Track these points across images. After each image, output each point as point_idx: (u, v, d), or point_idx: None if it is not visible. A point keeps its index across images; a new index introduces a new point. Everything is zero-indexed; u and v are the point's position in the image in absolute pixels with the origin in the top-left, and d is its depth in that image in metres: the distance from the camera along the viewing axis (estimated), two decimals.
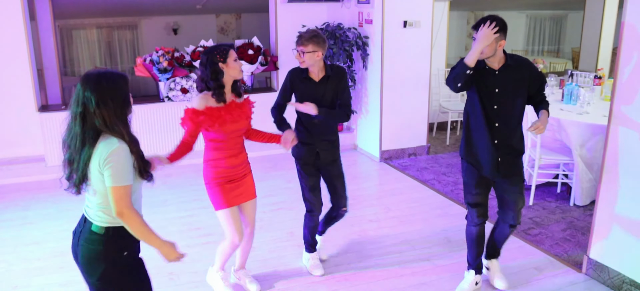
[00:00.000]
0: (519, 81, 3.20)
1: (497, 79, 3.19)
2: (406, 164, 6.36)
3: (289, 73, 3.59)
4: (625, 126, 3.37)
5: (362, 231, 4.52)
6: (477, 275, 3.59)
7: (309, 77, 3.50)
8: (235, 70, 3.12)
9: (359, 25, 6.55)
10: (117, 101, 2.15)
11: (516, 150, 3.30)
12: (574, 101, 5.41)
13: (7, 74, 5.67)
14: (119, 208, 2.15)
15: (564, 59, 10.86)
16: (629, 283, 3.47)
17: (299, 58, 3.42)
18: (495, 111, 3.22)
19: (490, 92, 3.21)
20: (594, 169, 4.85)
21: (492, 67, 3.21)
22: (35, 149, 5.90)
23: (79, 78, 2.17)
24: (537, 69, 3.31)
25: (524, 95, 3.23)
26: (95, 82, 2.13)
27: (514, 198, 3.37)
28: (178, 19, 10.84)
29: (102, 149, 2.12)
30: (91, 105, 2.10)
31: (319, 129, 3.55)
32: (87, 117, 2.12)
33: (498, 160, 3.29)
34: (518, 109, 3.24)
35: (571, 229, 4.52)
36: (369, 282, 3.72)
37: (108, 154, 2.10)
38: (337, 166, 3.71)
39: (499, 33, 3.07)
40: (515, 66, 3.20)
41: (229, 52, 3.10)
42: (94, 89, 2.11)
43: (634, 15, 3.26)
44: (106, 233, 2.22)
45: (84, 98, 2.12)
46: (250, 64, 6.32)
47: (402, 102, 6.38)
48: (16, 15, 5.56)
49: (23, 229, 4.60)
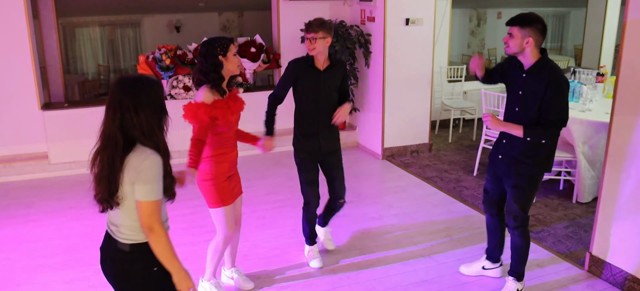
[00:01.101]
0: (538, 89, 3.02)
1: (524, 80, 3.11)
2: (408, 161, 6.36)
3: (291, 63, 3.58)
4: (627, 123, 3.36)
5: (364, 228, 4.52)
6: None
7: (314, 66, 3.53)
8: (234, 64, 3.11)
9: (361, 22, 6.55)
10: (154, 107, 2.05)
11: (513, 157, 3.21)
12: (576, 99, 5.41)
13: (11, 72, 5.68)
14: (150, 223, 2.04)
15: (567, 56, 10.85)
16: (631, 280, 3.47)
17: (311, 45, 3.44)
18: (516, 113, 3.16)
19: (515, 92, 3.17)
20: (596, 167, 4.84)
21: (522, 66, 3.14)
22: (39, 147, 5.91)
23: (114, 83, 2.06)
24: (559, 86, 2.97)
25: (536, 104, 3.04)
26: (131, 86, 2.02)
27: (509, 199, 3.33)
28: (180, 16, 10.86)
29: (135, 160, 2.01)
30: (128, 112, 1.99)
31: (322, 119, 3.59)
32: (123, 124, 2.00)
33: (498, 157, 3.31)
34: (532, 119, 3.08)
35: (573, 226, 4.52)
36: (371, 279, 3.73)
37: (142, 166, 2.00)
38: (337, 157, 3.76)
39: (524, 27, 2.98)
40: (538, 73, 3.04)
41: (230, 45, 3.09)
42: (132, 95, 2.00)
43: (636, 11, 3.25)
44: (132, 251, 2.12)
45: (120, 104, 1.99)
46: (253, 62, 6.33)
47: (405, 100, 6.38)
48: (19, 14, 5.57)
49: (26, 227, 4.61)
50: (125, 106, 1.99)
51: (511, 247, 3.42)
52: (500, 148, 3.32)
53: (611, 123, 3.48)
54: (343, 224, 4.59)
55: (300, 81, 3.57)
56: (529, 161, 3.16)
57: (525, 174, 3.20)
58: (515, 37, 3.02)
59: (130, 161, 2.01)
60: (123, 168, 2.01)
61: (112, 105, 2.01)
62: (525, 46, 3.01)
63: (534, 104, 3.04)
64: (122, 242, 2.13)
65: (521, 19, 3.01)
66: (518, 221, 3.30)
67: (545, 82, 2.98)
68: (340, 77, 3.63)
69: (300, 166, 3.70)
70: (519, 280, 3.44)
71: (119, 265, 2.16)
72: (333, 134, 3.71)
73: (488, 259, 3.70)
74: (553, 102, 2.97)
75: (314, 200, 3.75)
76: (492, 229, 3.61)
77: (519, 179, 3.22)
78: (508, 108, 3.26)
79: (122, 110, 1.99)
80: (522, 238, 3.33)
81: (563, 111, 3.00)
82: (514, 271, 3.45)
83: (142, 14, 10.62)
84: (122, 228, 2.12)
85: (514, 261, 3.43)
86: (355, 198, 5.20)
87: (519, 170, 3.20)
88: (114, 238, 2.15)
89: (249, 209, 4.91)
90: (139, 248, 2.12)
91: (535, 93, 3.03)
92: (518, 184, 3.23)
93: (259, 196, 5.22)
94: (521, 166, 3.19)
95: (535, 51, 3.05)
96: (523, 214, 3.28)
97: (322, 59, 3.53)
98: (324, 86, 3.55)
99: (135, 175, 2.01)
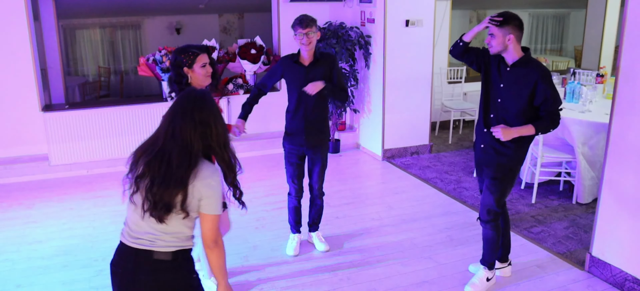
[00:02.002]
0: (525, 84, 3.15)
1: (508, 74, 3.21)
2: (408, 163, 6.37)
3: (281, 59, 3.82)
4: (627, 124, 3.37)
5: (364, 230, 4.53)
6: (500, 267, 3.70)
7: (299, 61, 3.71)
8: (200, 78, 2.95)
9: (361, 24, 6.56)
10: (223, 122, 2.11)
11: (499, 150, 3.29)
12: (576, 99, 5.41)
13: (11, 74, 5.69)
14: (215, 237, 2.07)
15: (567, 58, 10.86)
16: (631, 281, 3.47)
17: (307, 40, 3.60)
18: (498, 104, 3.27)
19: (497, 85, 3.27)
20: (596, 167, 4.85)
21: (505, 62, 3.24)
22: (39, 149, 5.92)
23: (188, 95, 2.08)
24: (549, 78, 3.13)
25: (526, 99, 3.16)
26: (203, 100, 2.06)
27: (485, 193, 3.42)
28: (181, 18, 10.87)
29: (206, 172, 2.02)
30: (208, 125, 2.01)
31: (308, 115, 3.73)
32: (204, 134, 2.01)
33: (481, 147, 3.39)
34: (517, 111, 3.21)
35: (573, 227, 4.52)
36: (371, 280, 3.73)
37: (213, 180, 2.02)
38: (320, 153, 3.86)
39: (503, 26, 3.09)
40: (525, 68, 3.16)
41: (198, 56, 2.92)
42: (208, 109, 2.04)
43: (635, 12, 3.25)
44: (175, 258, 2.08)
45: (200, 117, 2.00)
46: (253, 64, 6.33)
47: (405, 101, 6.39)
48: (20, 15, 5.58)
49: (27, 229, 4.62)
50: (204, 118, 2.01)
51: (483, 238, 3.55)
52: (484, 138, 3.37)
53: (611, 124, 3.49)
54: (343, 225, 4.60)
55: (286, 77, 3.78)
56: (512, 153, 3.27)
57: (505, 166, 3.31)
58: (496, 37, 3.13)
59: (201, 173, 2.01)
60: (193, 179, 1.99)
61: (190, 115, 2.00)
62: (507, 43, 3.14)
63: (521, 96, 3.16)
64: (163, 251, 2.06)
65: (500, 18, 3.13)
66: (491, 215, 3.41)
67: (535, 76, 3.12)
68: (329, 71, 3.73)
69: (285, 158, 3.92)
70: (490, 268, 3.58)
71: (160, 275, 2.07)
72: (320, 130, 3.82)
73: (497, 259, 3.70)
74: (550, 94, 3.13)
75: (294, 191, 3.98)
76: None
77: (498, 171, 3.32)
78: (487, 101, 3.35)
79: (203, 121, 2.01)
80: (494, 230, 3.46)
81: (558, 98, 3.18)
82: (485, 260, 3.58)
83: (142, 16, 10.64)
84: (166, 236, 2.06)
85: (486, 252, 3.56)
86: (355, 199, 5.20)
87: (500, 162, 3.31)
88: (148, 249, 2.05)
89: (249, 210, 4.91)
90: (183, 254, 2.11)
91: (523, 86, 3.15)
92: (497, 177, 3.32)
93: (259, 198, 5.22)
94: (502, 158, 3.29)
95: (518, 46, 3.18)
96: (496, 208, 3.38)
97: (309, 55, 3.68)
98: (308, 81, 3.65)
99: (206, 188, 2.01)
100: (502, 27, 3.11)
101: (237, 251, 4.15)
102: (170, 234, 2.06)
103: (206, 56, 2.98)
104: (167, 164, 1.97)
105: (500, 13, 3.14)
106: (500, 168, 3.31)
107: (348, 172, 6.11)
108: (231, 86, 6.50)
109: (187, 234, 2.13)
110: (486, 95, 3.34)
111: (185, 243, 2.12)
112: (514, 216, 4.73)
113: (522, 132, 3.18)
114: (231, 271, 3.85)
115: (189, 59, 2.92)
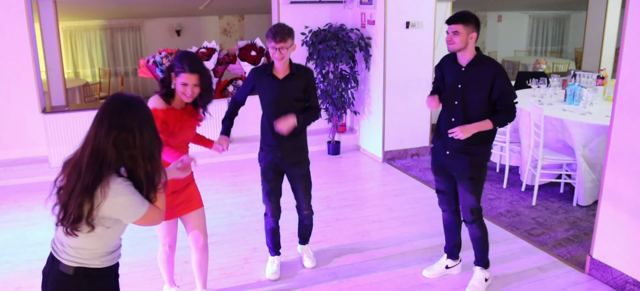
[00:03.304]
0: (483, 80, 3.24)
1: (463, 74, 3.28)
2: (409, 164, 6.36)
3: (252, 70, 3.52)
4: (628, 126, 3.36)
5: (364, 232, 4.52)
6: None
7: (273, 74, 3.42)
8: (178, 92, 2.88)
9: (361, 26, 6.56)
10: (155, 132, 2.03)
11: (470, 151, 3.32)
12: (576, 101, 5.40)
13: (11, 76, 5.69)
14: (153, 224, 2.07)
15: (567, 60, 10.86)
16: (632, 284, 3.46)
17: (279, 55, 3.30)
18: (457, 106, 3.32)
19: (454, 87, 3.32)
20: (596, 170, 4.84)
21: (456, 62, 3.32)
22: (39, 151, 5.92)
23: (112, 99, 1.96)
24: (504, 73, 3.25)
25: (485, 96, 3.25)
26: (129, 104, 1.95)
27: (461, 193, 3.43)
28: (181, 20, 10.88)
29: (112, 190, 1.92)
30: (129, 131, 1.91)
31: (288, 133, 3.40)
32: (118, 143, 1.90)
33: (446, 154, 3.40)
34: (478, 109, 3.27)
35: (574, 229, 4.52)
36: (371, 283, 3.73)
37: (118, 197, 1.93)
38: (302, 168, 3.61)
39: (468, 24, 3.16)
40: (481, 65, 3.25)
41: (184, 74, 2.82)
42: (132, 115, 1.93)
43: (636, 14, 3.25)
44: (76, 274, 1.98)
45: (119, 122, 1.90)
46: (253, 66, 6.33)
47: (405, 103, 6.39)
48: (20, 17, 5.59)
49: (27, 231, 4.61)
50: (124, 124, 1.87)
51: (472, 240, 3.56)
52: (449, 144, 3.37)
53: (611, 126, 3.48)
54: (343, 228, 4.59)
55: (258, 90, 3.49)
56: (482, 148, 3.33)
57: (479, 165, 3.36)
58: (461, 34, 3.18)
59: (109, 191, 1.87)
60: (101, 195, 1.86)
61: (107, 120, 1.87)
62: (469, 41, 3.20)
63: (480, 93, 3.24)
64: (66, 263, 1.97)
65: (465, 16, 3.18)
66: (474, 215, 3.44)
67: (492, 73, 3.21)
68: (304, 86, 3.46)
69: (261, 176, 3.63)
70: (486, 267, 3.60)
71: (61, 287, 1.98)
72: (296, 145, 3.54)
73: (449, 257, 3.79)
74: (506, 88, 3.22)
75: (271, 211, 3.69)
76: (452, 227, 3.70)
77: (474, 171, 3.35)
78: (446, 103, 3.39)
79: (120, 128, 1.87)
80: (480, 228, 3.49)
81: (513, 91, 3.27)
82: (480, 260, 3.59)
83: (142, 18, 10.65)
84: (70, 249, 1.96)
85: (478, 252, 3.57)
86: (355, 201, 5.20)
87: (473, 162, 3.33)
88: (57, 258, 1.99)
89: (249, 212, 4.92)
90: (85, 272, 1.98)
91: (481, 83, 3.23)
92: (474, 176, 3.35)
93: (258, 200, 5.21)
94: (475, 158, 3.33)
95: (474, 46, 3.26)
96: (478, 205, 3.42)
97: (283, 68, 3.40)
98: (281, 95, 3.40)
99: (115, 207, 1.90)
100: (467, 25, 3.16)
101: (237, 253, 4.15)
102: (74, 248, 1.97)
103: (195, 78, 2.83)
104: (77, 172, 1.88)
105: (461, 11, 3.22)
106: (475, 167, 3.35)
107: (348, 174, 6.10)
108: (231, 87, 6.50)
109: (93, 252, 1.99)
110: (445, 101, 3.39)
111: (89, 261, 1.99)
112: (514, 218, 4.72)
113: (481, 127, 3.23)
114: (231, 273, 3.85)
115: (176, 69, 2.85)
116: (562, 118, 4.90)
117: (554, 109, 5.21)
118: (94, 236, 1.95)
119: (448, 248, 3.78)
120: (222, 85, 6.55)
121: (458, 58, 3.31)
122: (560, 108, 5.28)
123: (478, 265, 3.60)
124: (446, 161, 3.42)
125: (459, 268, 3.83)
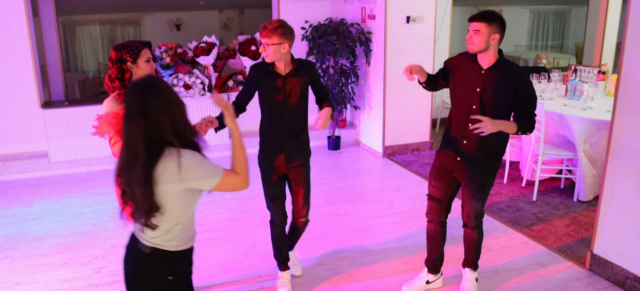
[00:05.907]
0: (505, 85, 3.02)
1: (483, 78, 3.06)
2: (409, 160, 6.36)
3: (252, 68, 3.27)
4: (629, 121, 3.35)
5: (365, 227, 4.52)
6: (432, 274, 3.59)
7: (275, 71, 3.17)
8: (145, 72, 2.82)
9: (362, 20, 6.54)
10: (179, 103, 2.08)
11: (486, 159, 3.17)
12: (577, 97, 5.39)
13: (11, 70, 5.67)
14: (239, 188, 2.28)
15: (568, 54, 10.84)
16: (632, 279, 3.46)
17: (264, 51, 3.07)
18: (474, 112, 3.09)
19: (471, 90, 3.10)
20: (597, 165, 4.83)
21: (476, 64, 3.09)
22: (39, 145, 5.91)
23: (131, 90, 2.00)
24: (529, 80, 3.07)
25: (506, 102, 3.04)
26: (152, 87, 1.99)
27: (467, 199, 3.28)
28: (181, 14, 10.86)
29: (171, 165, 1.98)
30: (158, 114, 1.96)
31: (287, 129, 3.26)
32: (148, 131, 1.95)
33: (457, 160, 3.22)
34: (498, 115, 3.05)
35: (575, 224, 4.51)
36: (371, 278, 3.72)
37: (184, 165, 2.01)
38: (304, 170, 3.37)
39: (491, 23, 2.93)
40: (504, 69, 3.03)
41: (142, 51, 2.83)
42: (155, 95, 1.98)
43: (638, 9, 3.24)
44: (152, 253, 2.09)
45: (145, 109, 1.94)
46: (253, 60, 6.32)
47: (405, 98, 6.37)
48: (19, 12, 5.57)
49: (26, 226, 4.61)
50: (152, 109, 1.91)
51: (469, 244, 3.45)
52: (460, 150, 3.20)
53: (612, 121, 3.47)
54: (344, 223, 4.59)
55: (261, 88, 3.23)
56: (494, 158, 3.19)
57: (490, 172, 3.23)
58: (482, 34, 2.95)
59: (167, 168, 1.93)
60: (154, 181, 1.93)
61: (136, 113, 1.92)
62: (491, 43, 2.98)
63: (501, 99, 3.04)
64: (144, 243, 2.09)
65: (488, 15, 2.97)
66: (478, 220, 3.35)
67: (515, 78, 3.01)
68: (309, 81, 3.27)
69: (263, 180, 3.36)
70: (475, 269, 3.53)
71: (137, 265, 2.13)
72: (301, 145, 3.32)
73: (430, 271, 3.57)
74: (531, 96, 3.04)
75: (277, 217, 3.42)
76: (437, 239, 3.49)
77: (485, 179, 3.22)
78: (460, 107, 3.17)
79: (149, 114, 1.91)
80: (480, 233, 3.42)
81: (536, 100, 3.09)
82: (472, 263, 3.51)
83: (142, 12, 10.62)
84: (147, 229, 2.06)
85: (471, 255, 3.48)
86: (355, 197, 5.19)
87: (486, 169, 3.20)
88: (137, 237, 2.12)
89: (249, 207, 4.91)
90: (160, 253, 2.09)
91: (503, 89, 3.02)
92: (485, 184, 3.23)
93: (259, 195, 5.19)
94: (487, 166, 3.19)
95: (497, 49, 3.05)
96: (483, 210, 3.34)
97: (283, 65, 3.15)
98: (286, 93, 3.18)
99: (181, 178, 1.95)
100: (490, 24, 2.93)
101: (238, 249, 4.14)
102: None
103: (149, 52, 2.89)
104: (128, 171, 1.95)
105: (486, 9, 3.02)
106: (487, 175, 3.21)
107: (348, 169, 6.10)
108: (231, 82, 6.48)
109: (168, 235, 2.07)
110: (459, 105, 3.17)
111: (165, 243, 2.08)
112: (515, 213, 4.72)
113: (507, 127, 3.01)
114: (231, 269, 3.85)
115: (134, 53, 2.83)
116: (563, 113, 4.89)
117: (555, 104, 5.20)
118: (166, 217, 2.03)
119: (431, 261, 3.55)
120: (222, 80, 6.53)
121: (478, 59, 3.06)
122: (561, 103, 5.27)
123: (469, 266, 3.50)
124: (455, 166, 3.23)
125: (440, 282, 3.61)
